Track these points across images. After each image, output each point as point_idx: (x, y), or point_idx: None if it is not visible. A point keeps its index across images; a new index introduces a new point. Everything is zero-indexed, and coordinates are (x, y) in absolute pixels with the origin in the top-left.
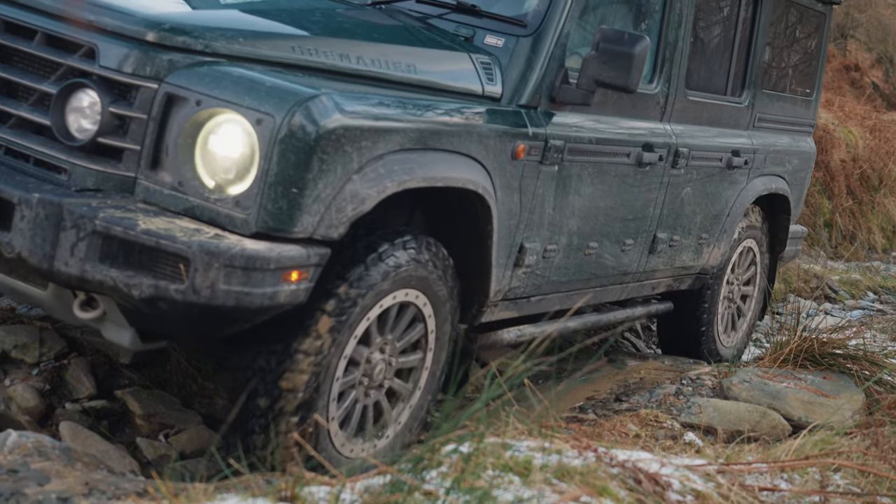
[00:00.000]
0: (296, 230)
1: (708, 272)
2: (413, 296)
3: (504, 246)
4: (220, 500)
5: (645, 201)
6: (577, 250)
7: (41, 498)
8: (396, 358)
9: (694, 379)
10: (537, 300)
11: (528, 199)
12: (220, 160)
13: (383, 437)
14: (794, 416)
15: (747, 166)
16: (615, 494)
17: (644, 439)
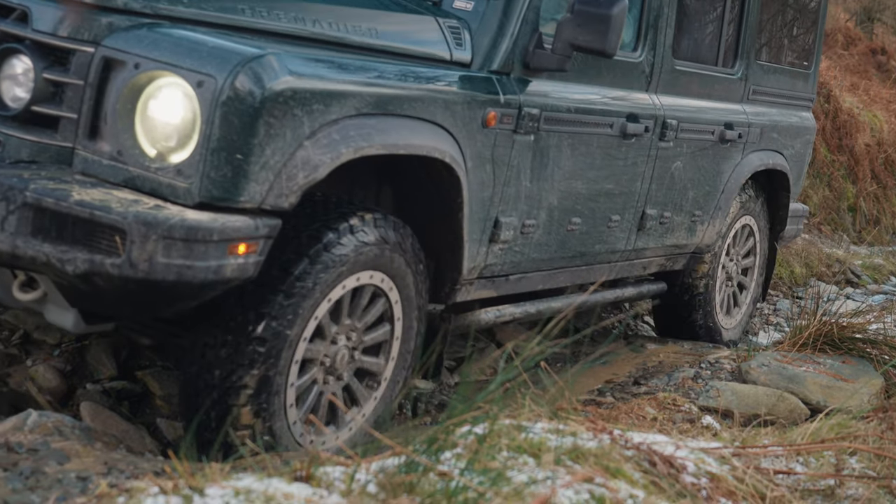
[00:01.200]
0: (242, 200)
1: (703, 251)
2: (378, 279)
3: (477, 220)
4: (235, 480)
5: (631, 175)
6: (559, 226)
7: (61, 477)
8: (361, 337)
9: (713, 363)
10: (517, 279)
11: (503, 171)
12: (160, 127)
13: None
14: (813, 400)
15: (742, 140)
16: (629, 476)
17: (661, 422)
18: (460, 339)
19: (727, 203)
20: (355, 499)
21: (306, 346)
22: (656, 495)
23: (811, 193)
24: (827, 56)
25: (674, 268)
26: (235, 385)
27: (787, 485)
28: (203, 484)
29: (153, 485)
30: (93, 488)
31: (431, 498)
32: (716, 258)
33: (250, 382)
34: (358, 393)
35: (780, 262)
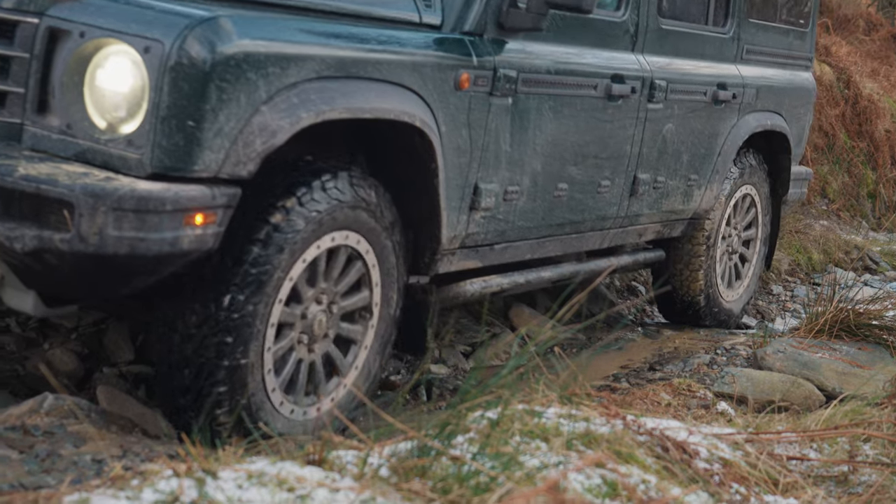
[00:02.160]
0: (197, 168)
1: (701, 217)
2: (354, 240)
3: (455, 187)
4: (249, 463)
5: (620, 138)
6: (545, 192)
7: (76, 459)
8: (339, 301)
9: (728, 349)
10: (502, 248)
11: (480, 135)
12: (109, 97)
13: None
14: (828, 387)
15: (736, 101)
16: (642, 461)
17: (676, 408)
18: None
19: (725, 166)
20: (368, 482)
21: (282, 308)
22: (668, 480)
23: (830, 180)
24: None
25: (672, 234)
26: (210, 357)
27: (800, 471)
28: (216, 467)
29: (167, 468)
30: (107, 471)
31: (443, 482)
32: (715, 228)
33: (225, 351)
34: (338, 361)
35: (797, 249)
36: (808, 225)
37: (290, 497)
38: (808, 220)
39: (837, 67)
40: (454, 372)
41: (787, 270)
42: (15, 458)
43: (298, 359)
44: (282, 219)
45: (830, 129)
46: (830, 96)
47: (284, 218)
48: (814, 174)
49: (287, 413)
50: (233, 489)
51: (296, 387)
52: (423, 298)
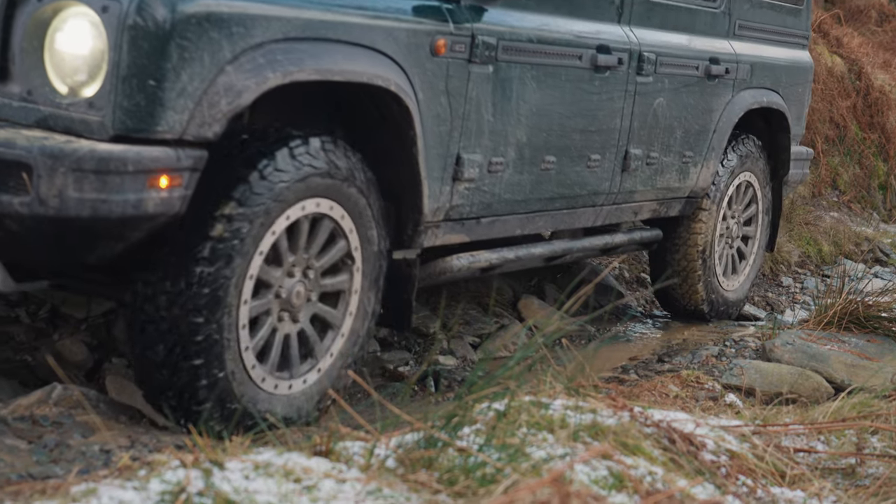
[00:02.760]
0: (160, 129)
1: (698, 195)
2: (326, 206)
3: (436, 156)
4: (255, 454)
5: (609, 111)
6: (531, 165)
7: (84, 449)
8: (318, 279)
9: (737, 341)
10: (490, 222)
11: (460, 104)
12: (69, 60)
13: (314, 369)
14: (837, 379)
15: (730, 76)
16: (648, 453)
17: (684, 400)
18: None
19: (720, 143)
20: (374, 473)
21: (255, 280)
22: (675, 472)
23: (841, 171)
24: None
25: (669, 214)
26: (183, 335)
27: (807, 463)
28: (223, 458)
29: (174, 458)
30: (115, 461)
31: (450, 473)
32: (712, 217)
33: (198, 328)
34: (330, 318)
35: (808, 240)
36: (819, 217)
37: (297, 488)
38: (819, 212)
39: (849, 59)
40: (462, 363)
41: (797, 262)
42: (24, 448)
43: (274, 330)
44: (250, 186)
45: (842, 120)
46: (842, 87)
47: (252, 185)
48: (825, 165)
49: (270, 388)
50: (239, 480)
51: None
52: (408, 272)
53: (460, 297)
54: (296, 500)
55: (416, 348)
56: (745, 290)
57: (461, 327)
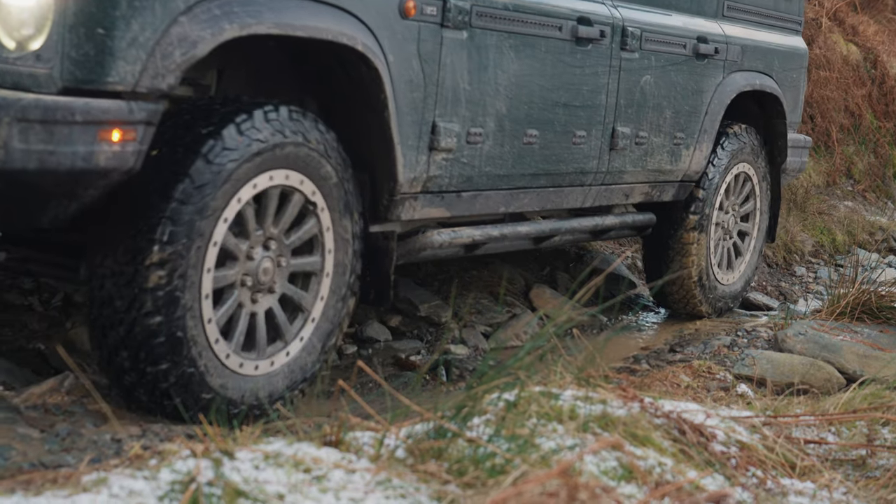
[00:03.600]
0: (111, 80)
1: (692, 179)
2: (296, 180)
3: (410, 123)
4: (265, 444)
5: (593, 86)
6: (513, 137)
7: (96, 438)
8: (288, 258)
9: (749, 331)
10: (471, 196)
11: (434, 69)
12: (15, 13)
13: (282, 352)
14: (849, 370)
15: (719, 56)
16: (658, 444)
17: (695, 390)
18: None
19: (713, 126)
20: (384, 464)
21: (224, 233)
22: (685, 463)
23: (856, 160)
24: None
25: (662, 198)
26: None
27: (817, 454)
28: (233, 448)
29: (184, 448)
30: (126, 450)
31: (459, 464)
32: (707, 209)
33: (156, 273)
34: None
35: (821, 230)
36: (833, 206)
37: (306, 478)
38: (833, 201)
39: (864, 47)
40: (474, 352)
41: (811, 252)
42: (36, 437)
43: (241, 307)
44: (210, 154)
45: (857, 109)
46: (857, 76)
47: (212, 153)
48: (839, 154)
49: (235, 366)
50: (249, 470)
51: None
52: (385, 246)
53: (472, 286)
54: (305, 490)
55: (427, 337)
56: (742, 284)
57: (473, 316)
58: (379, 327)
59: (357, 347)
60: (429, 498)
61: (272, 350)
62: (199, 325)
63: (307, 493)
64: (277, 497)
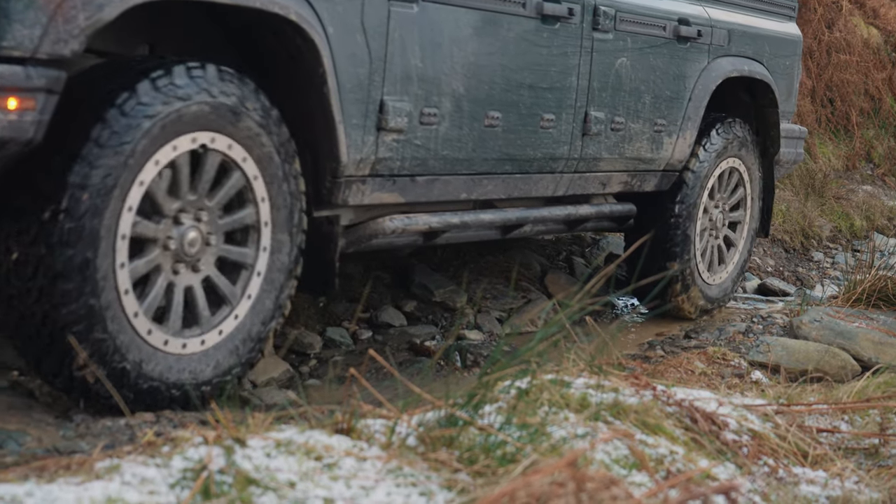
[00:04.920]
0: (6, 44)
1: (675, 168)
2: (224, 144)
3: (354, 101)
4: (277, 431)
5: (563, 68)
6: (472, 119)
7: (110, 424)
8: (219, 239)
9: (765, 317)
10: (427, 181)
11: (380, 44)
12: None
13: (213, 330)
14: (864, 357)
15: (703, 40)
16: (670, 433)
17: (710, 377)
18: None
19: (697, 113)
20: (395, 452)
21: (133, 218)
22: (696, 452)
23: (876, 144)
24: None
25: (643, 188)
26: (49, 277)
27: (830, 443)
28: (245, 435)
29: (197, 435)
30: (140, 436)
31: (470, 452)
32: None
33: (65, 270)
34: (226, 290)
35: (839, 215)
36: (852, 190)
37: (318, 466)
38: (852, 186)
39: (885, 30)
40: (489, 337)
41: (829, 237)
42: (50, 423)
43: (171, 285)
44: (118, 115)
45: (877, 92)
46: (877, 59)
47: (121, 114)
48: (859, 138)
49: (178, 349)
50: (261, 457)
51: (168, 316)
52: (330, 231)
53: (487, 271)
54: (316, 478)
55: (442, 323)
56: (730, 284)
57: (488, 302)
58: (394, 312)
59: (372, 333)
60: (439, 486)
61: (218, 318)
62: (115, 295)
63: (318, 480)
64: (288, 485)
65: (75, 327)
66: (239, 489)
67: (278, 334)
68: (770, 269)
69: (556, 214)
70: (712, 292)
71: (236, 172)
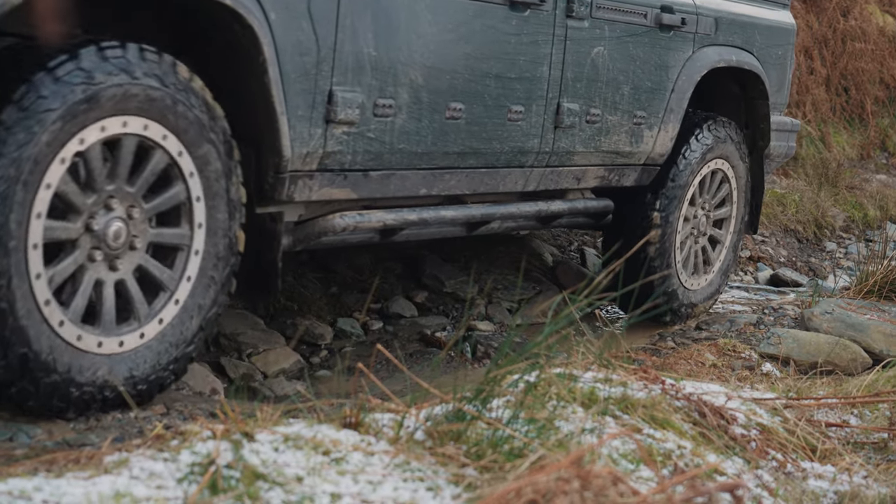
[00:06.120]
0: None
1: (656, 162)
2: (158, 134)
3: (300, 91)
4: (286, 426)
5: (533, 57)
6: (433, 111)
7: (120, 416)
8: (147, 225)
9: (776, 309)
10: (382, 177)
11: (330, 32)
12: None
13: (152, 321)
14: (875, 349)
15: (687, 28)
16: (678, 427)
17: (720, 369)
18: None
19: (680, 105)
20: (402, 446)
21: (44, 224)
22: (704, 447)
23: (891, 133)
24: None
25: (622, 183)
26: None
27: (838, 437)
28: (253, 429)
29: (205, 429)
30: (150, 429)
31: (477, 447)
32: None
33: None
34: (162, 275)
35: (853, 204)
36: (866, 180)
37: (325, 461)
38: (867, 175)
39: None
40: (500, 328)
41: (842, 227)
42: None
43: (96, 281)
44: (30, 94)
45: (892, 81)
46: (893, 48)
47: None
48: (874, 127)
49: (94, 348)
50: (268, 452)
51: (99, 315)
52: (272, 229)
53: (499, 262)
54: (323, 473)
55: (453, 313)
56: (712, 291)
57: (499, 293)
58: (405, 303)
59: (383, 323)
60: (446, 481)
61: (125, 328)
62: (34, 307)
63: (325, 475)
64: (296, 480)
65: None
66: (246, 484)
67: (289, 325)
68: (783, 259)
69: (526, 211)
70: (694, 297)
71: (157, 152)
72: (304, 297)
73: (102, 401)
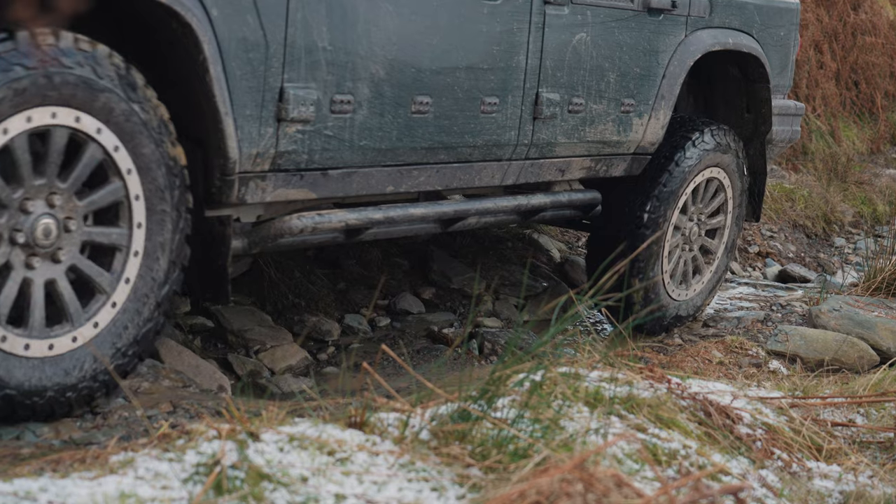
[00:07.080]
0: None
1: (647, 151)
2: (91, 127)
3: (247, 89)
4: (291, 426)
5: (507, 46)
6: (396, 106)
7: (127, 415)
8: (83, 223)
9: (784, 305)
10: (343, 175)
11: (280, 27)
12: None
13: (86, 324)
14: (883, 347)
15: (679, 11)
16: (684, 427)
17: (727, 367)
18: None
19: (672, 91)
20: (407, 446)
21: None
22: (710, 446)
23: None
24: None
25: (610, 173)
26: None
27: (844, 437)
28: (259, 429)
29: (211, 428)
30: (156, 428)
31: (482, 447)
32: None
33: None
34: (97, 277)
35: (862, 200)
36: (876, 174)
37: (330, 461)
38: (876, 170)
39: None
40: (507, 325)
41: (851, 222)
42: None
43: (24, 281)
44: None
45: None
46: None
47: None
48: (884, 121)
49: (20, 351)
50: (274, 452)
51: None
52: (221, 233)
53: (507, 258)
54: (328, 473)
55: (460, 310)
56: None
57: (506, 289)
58: (412, 299)
59: (390, 319)
60: (451, 482)
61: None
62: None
63: (330, 476)
64: (301, 480)
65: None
66: (251, 484)
67: (297, 322)
68: (791, 254)
69: (504, 205)
70: (680, 310)
71: (91, 146)
72: (311, 293)
73: (32, 408)
